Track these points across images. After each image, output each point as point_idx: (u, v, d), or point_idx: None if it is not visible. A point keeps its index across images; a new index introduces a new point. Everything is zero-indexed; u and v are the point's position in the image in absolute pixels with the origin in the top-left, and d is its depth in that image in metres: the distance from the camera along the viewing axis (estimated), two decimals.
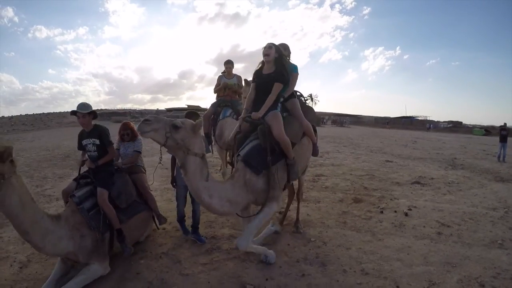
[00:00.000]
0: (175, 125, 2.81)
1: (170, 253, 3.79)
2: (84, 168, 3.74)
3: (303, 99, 4.53)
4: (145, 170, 4.39)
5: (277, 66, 3.61)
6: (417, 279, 3.28)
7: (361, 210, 5.28)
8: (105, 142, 3.63)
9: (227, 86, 6.53)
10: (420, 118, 63.94)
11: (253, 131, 3.66)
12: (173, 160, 4.15)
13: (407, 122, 58.77)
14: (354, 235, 4.31)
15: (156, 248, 3.93)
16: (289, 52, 4.26)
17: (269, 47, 3.61)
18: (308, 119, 4.12)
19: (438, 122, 62.12)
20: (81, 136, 3.69)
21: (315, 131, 4.37)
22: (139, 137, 4.36)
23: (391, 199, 5.85)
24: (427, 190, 6.63)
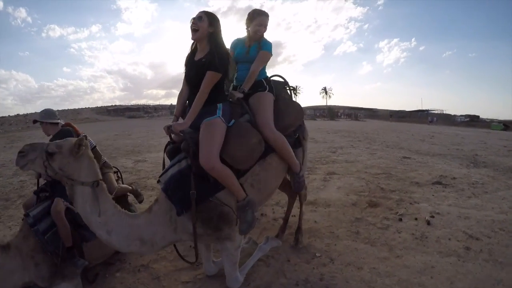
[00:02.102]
0: (48, 151, 2.20)
1: (150, 266, 3.28)
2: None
3: (288, 89, 3.42)
4: (117, 169, 3.98)
5: (211, 46, 2.55)
6: None
7: (376, 216, 4.59)
8: None
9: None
10: (436, 112, 62.31)
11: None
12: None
13: (423, 116, 57.24)
14: (367, 249, 3.62)
15: (137, 260, 3.43)
16: (265, 26, 3.00)
17: (199, 17, 2.52)
18: (288, 123, 2.98)
19: (454, 116, 60.35)
20: None
21: (299, 143, 3.21)
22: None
23: (410, 203, 5.14)
24: (450, 192, 5.87)
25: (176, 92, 2.71)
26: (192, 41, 2.65)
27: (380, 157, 10.10)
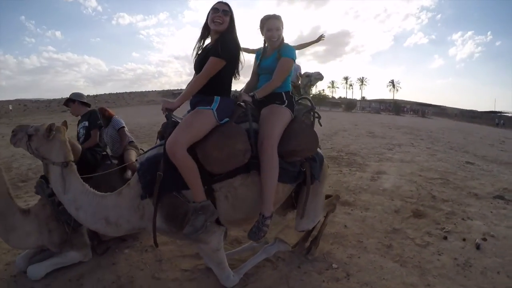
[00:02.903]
0: (27, 133, 2.51)
1: (158, 248, 3.11)
2: None
3: (312, 116, 2.95)
4: (142, 150, 3.99)
5: (220, 34, 2.46)
6: None
7: (418, 230, 4.01)
8: (91, 124, 3.62)
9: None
10: (509, 115, 56.95)
11: None
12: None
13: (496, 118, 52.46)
14: (395, 269, 3.08)
15: (148, 239, 3.45)
16: (277, 29, 2.68)
17: (224, 11, 2.44)
18: (292, 148, 2.55)
19: None
20: (78, 124, 3.79)
21: (304, 182, 2.74)
22: (114, 116, 4.34)
23: (462, 219, 4.45)
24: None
25: (242, 78, 2.70)
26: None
27: (440, 160, 9.19)
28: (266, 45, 2.82)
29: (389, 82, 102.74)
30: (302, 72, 7.09)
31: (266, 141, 2.40)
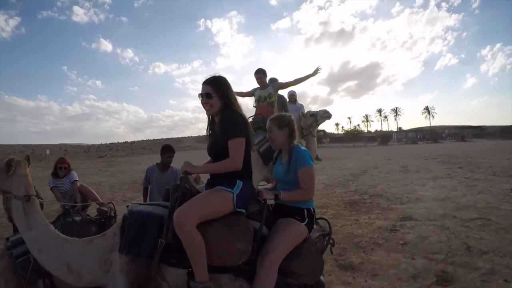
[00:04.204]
0: None
1: None
2: None
3: (326, 241, 2.52)
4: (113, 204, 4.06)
5: (222, 114, 2.24)
6: None
7: None
8: None
9: (259, 99, 5.19)
10: None
11: None
12: (144, 190, 4.35)
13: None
14: None
15: None
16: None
17: (207, 94, 2.22)
18: (293, 270, 2.19)
19: None
20: None
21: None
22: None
23: (505, 280, 3.31)
24: None
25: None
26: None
27: (480, 191, 7.87)
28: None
29: (424, 109, 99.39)
30: (306, 111, 6.42)
31: (272, 256, 2.08)
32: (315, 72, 5.12)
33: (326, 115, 6.15)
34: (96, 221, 3.72)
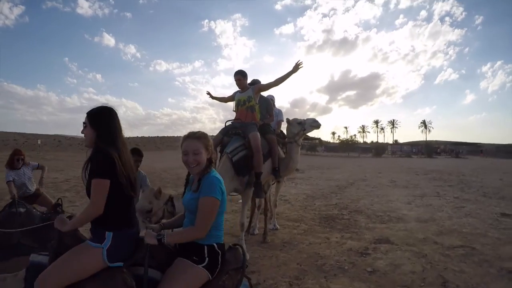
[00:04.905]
0: None
1: None
2: None
3: (240, 275, 2.07)
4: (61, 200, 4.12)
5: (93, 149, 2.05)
6: None
7: None
8: None
9: (239, 102, 4.78)
10: None
11: None
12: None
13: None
14: None
15: None
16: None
17: (83, 124, 2.08)
18: None
19: None
20: None
21: None
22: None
23: None
24: None
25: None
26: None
27: (467, 214, 7.27)
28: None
29: (421, 122, 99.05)
30: (292, 118, 5.88)
31: None
32: (295, 68, 4.56)
33: (315, 125, 5.62)
34: (41, 216, 3.67)
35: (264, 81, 4.98)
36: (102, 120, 2.07)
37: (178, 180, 12.67)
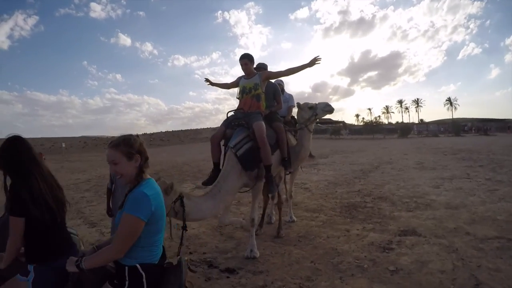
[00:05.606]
0: None
1: None
2: None
3: None
4: None
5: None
6: None
7: None
8: None
9: (244, 90, 4.29)
10: None
11: None
12: (108, 192, 3.64)
13: None
14: None
15: None
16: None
17: None
18: None
19: None
20: None
21: None
22: None
23: None
24: None
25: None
26: None
27: (502, 198, 6.67)
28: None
29: (446, 100, 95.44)
30: (303, 103, 5.49)
31: None
32: (312, 63, 4.15)
33: (327, 109, 5.24)
34: None
35: (282, 68, 4.55)
36: (4, 159, 1.94)
37: (199, 173, 12.50)
